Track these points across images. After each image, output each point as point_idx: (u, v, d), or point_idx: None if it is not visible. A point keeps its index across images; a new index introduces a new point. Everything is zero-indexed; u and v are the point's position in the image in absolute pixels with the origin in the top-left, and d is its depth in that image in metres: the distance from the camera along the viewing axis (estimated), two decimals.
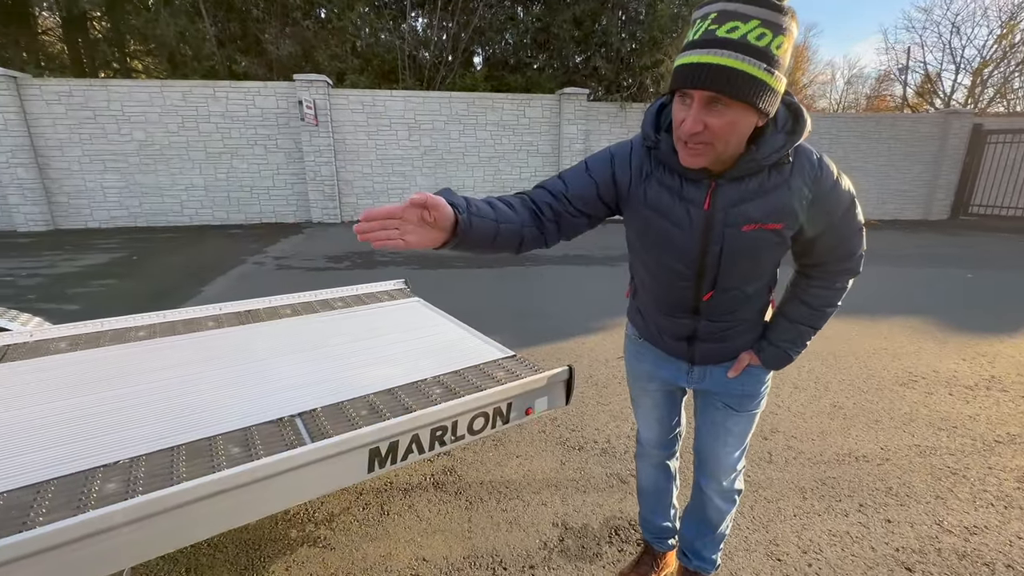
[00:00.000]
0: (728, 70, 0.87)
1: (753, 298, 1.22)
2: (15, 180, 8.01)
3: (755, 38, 0.87)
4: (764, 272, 1.18)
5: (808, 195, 1.04)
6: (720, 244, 1.09)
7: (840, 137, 10.91)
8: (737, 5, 0.87)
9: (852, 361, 3.54)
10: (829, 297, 1.22)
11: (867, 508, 2.04)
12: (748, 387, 1.32)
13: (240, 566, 1.69)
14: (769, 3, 0.87)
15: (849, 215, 1.09)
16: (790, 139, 0.99)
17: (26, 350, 1.89)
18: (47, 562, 0.96)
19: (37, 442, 1.31)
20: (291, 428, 1.38)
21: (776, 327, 1.27)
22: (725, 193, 1.05)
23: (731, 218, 1.06)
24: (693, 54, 0.91)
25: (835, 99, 31.31)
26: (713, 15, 0.89)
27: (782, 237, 1.08)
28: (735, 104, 0.90)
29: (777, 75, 0.90)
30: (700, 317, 1.23)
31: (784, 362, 1.29)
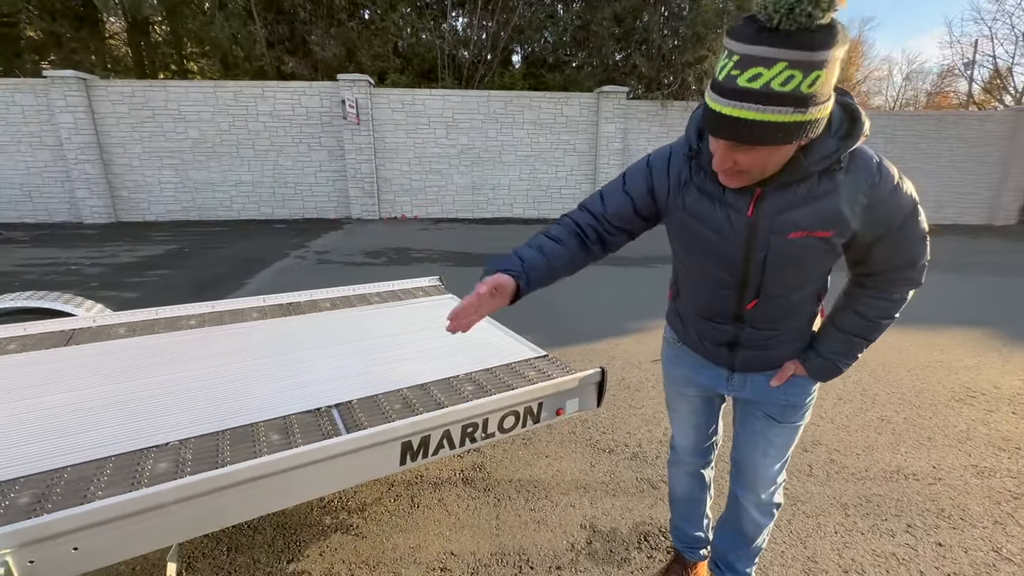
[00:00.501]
0: (745, 123, 0.83)
1: (800, 307, 1.17)
2: (83, 175, 8.58)
3: (780, 84, 0.79)
4: (812, 280, 1.12)
5: (863, 201, 0.97)
6: (765, 251, 1.05)
7: (896, 136, 10.34)
8: (760, 48, 0.79)
9: (903, 373, 3.35)
10: (886, 308, 1.13)
11: (916, 530, 1.93)
12: (792, 397, 1.26)
13: (277, 548, 1.76)
14: (799, 41, 0.77)
15: (910, 223, 1.02)
16: (843, 144, 0.93)
17: (89, 334, 2.03)
18: (104, 534, 1.03)
19: (97, 421, 1.41)
20: (327, 418, 1.43)
21: (825, 338, 1.20)
22: (771, 200, 1.00)
23: (777, 225, 1.01)
24: (715, 100, 0.86)
25: (891, 96, 29.62)
26: (736, 59, 0.82)
27: (831, 245, 1.02)
28: (761, 147, 0.87)
29: (811, 109, 0.83)
30: (743, 325, 1.19)
31: (832, 374, 1.22)
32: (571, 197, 10.04)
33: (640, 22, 11.20)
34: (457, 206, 9.89)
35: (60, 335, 2.00)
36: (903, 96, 29.19)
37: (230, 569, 1.67)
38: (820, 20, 0.76)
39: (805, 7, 0.74)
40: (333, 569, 1.68)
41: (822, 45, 0.78)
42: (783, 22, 0.77)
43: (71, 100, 8.28)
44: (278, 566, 1.68)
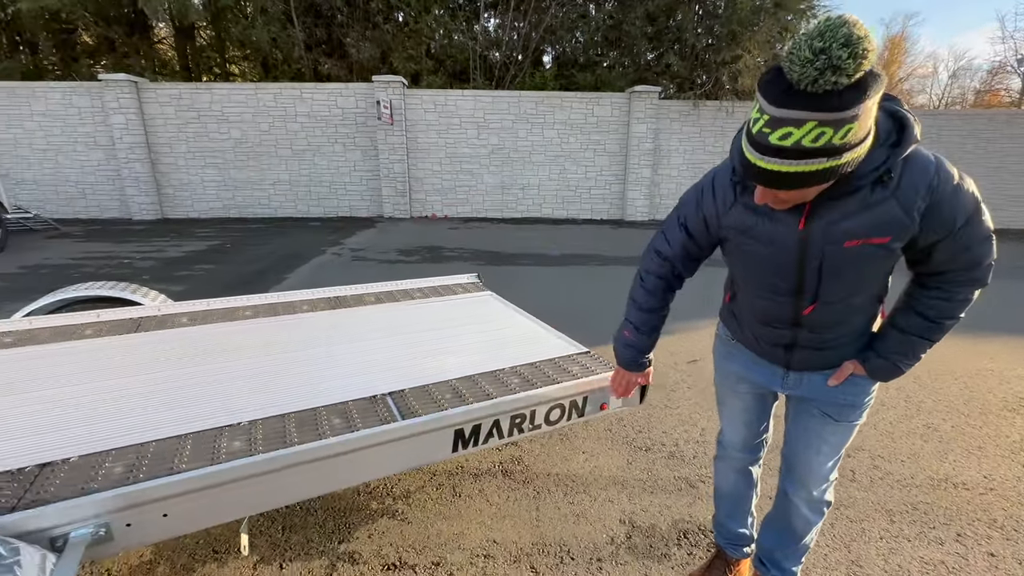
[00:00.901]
0: (779, 175, 0.87)
1: (859, 309, 1.17)
2: (132, 174, 9.01)
3: (811, 141, 0.82)
4: (871, 283, 1.12)
5: (922, 205, 0.97)
6: (819, 261, 1.06)
7: (943, 137, 9.93)
8: (789, 112, 0.81)
9: (950, 381, 3.24)
10: (949, 309, 1.11)
11: (966, 539, 1.88)
12: (851, 396, 1.26)
13: (328, 529, 1.84)
14: (826, 103, 0.79)
15: (974, 222, 1.00)
16: (894, 153, 0.94)
17: (155, 322, 2.16)
18: (190, 503, 1.12)
19: (172, 401, 1.51)
20: (383, 405, 1.49)
21: (886, 338, 1.19)
22: (822, 212, 1.01)
23: (831, 235, 1.02)
24: (751, 151, 0.90)
25: (936, 94, 28.33)
26: (766, 118, 0.85)
27: (890, 250, 1.03)
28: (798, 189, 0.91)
29: (845, 155, 0.85)
30: (801, 328, 1.20)
31: (894, 375, 1.20)
32: (600, 197, 10.01)
33: (673, 21, 11.06)
34: (486, 205, 9.98)
35: (130, 322, 2.13)
36: (949, 94, 27.88)
37: (285, 547, 1.76)
38: (847, 83, 0.78)
39: (829, 77, 0.77)
40: (382, 551, 1.75)
41: (850, 104, 0.79)
42: (810, 87, 0.79)
43: (123, 102, 8.71)
44: (330, 546, 1.77)
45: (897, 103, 0.98)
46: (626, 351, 1.47)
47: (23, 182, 9.05)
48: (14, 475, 1.14)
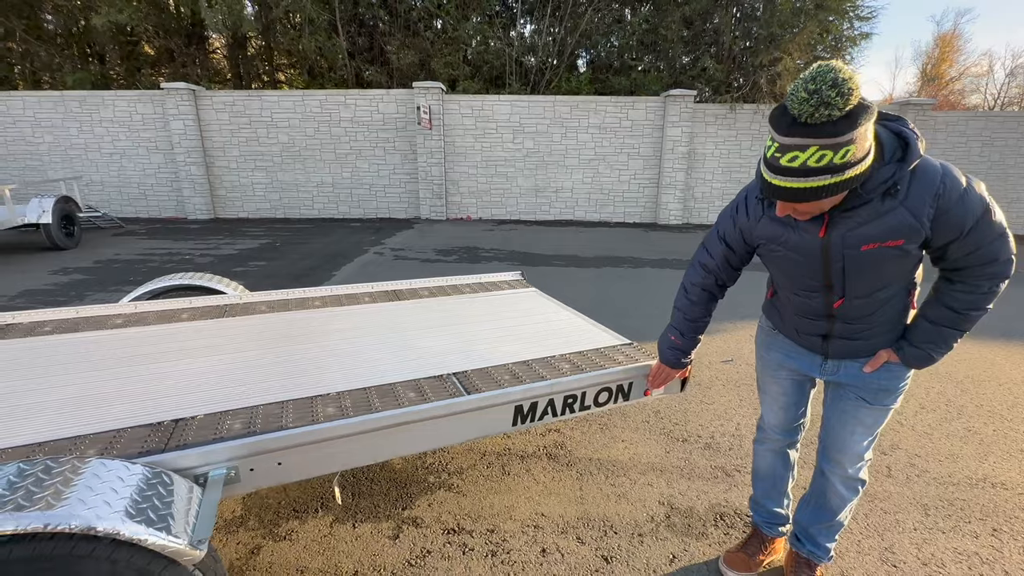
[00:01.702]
0: (791, 190, 1.04)
1: (888, 302, 1.28)
2: (189, 176, 9.60)
3: (815, 161, 0.98)
4: (896, 279, 1.24)
5: (931, 212, 1.09)
6: (841, 263, 1.20)
7: (995, 140, 9.57)
8: (794, 139, 0.99)
9: (994, 387, 3.22)
10: (974, 301, 1.20)
11: (1002, 534, 1.93)
12: (886, 381, 1.37)
13: (392, 497, 2.04)
14: (824, 131, 0.95)
15: (983, 224, 1.11)
16: (900, 167, 1.07)
17: (239, 309, 2.42)
18: (299, 455, 1.32)
19: (268, 375, 1.73)
20: (451, 383, 1.68)
21: (917, 329, 1.29)
22: (839, 221, 1.16)
23: (849, 241, 1.16)
24: (767, 172, 1.07)
25: (992, 94, 26.92)
26: (776, 145, 1.03)
27: (905, 251, 1.15)
28: (810, 202, 1.06)
29: (848, 172, 1.00)
30: (835, 320, 1.34)
31: (926, 362, 1.30)
32: (633, 201, 10.06)
33: (710, 24, 11.02)
34: (520, 208, 10.17)
35: (218, 309, 2.39)
36: (1006, 94, 26.44)
37: (356, 510, 1.96)
38: (839, 116, 0.95)
39: (823, 112, 0.94)
40: (441, 518, 1.94)
41: (844, 131, 0.96)
42: (809, 120, 0.96)
43: (182, 109, 9.30)
44: (394, 511, 1.96)
45: (903, 123, 1.12)
46: (670, 352, 1.64)
47: (92, 183, 9.77)
48: (155, 427, 1.38)
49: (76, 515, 0.93)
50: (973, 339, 4.06)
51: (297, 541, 1.80)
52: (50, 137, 9.58)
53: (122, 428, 1.36)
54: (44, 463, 1.05)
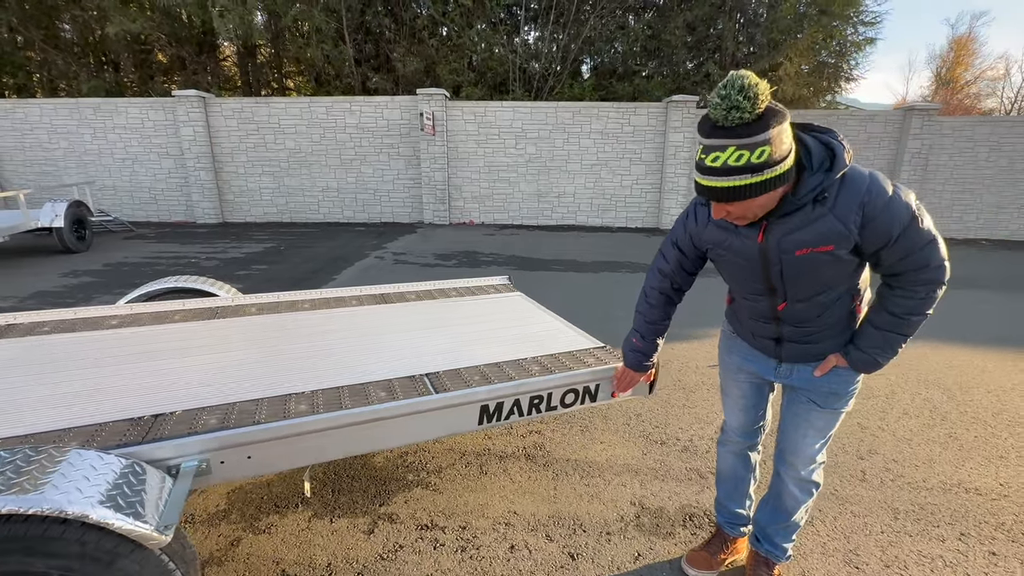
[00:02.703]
0: (717, 189, 1.12)
1: (831, 306, 1.32)
2: (198, 181, 9.81)
3: (734, 160, 1.06)
4: (836, 283, 1.28)
5: (857, 219, 1.15)
6: (779, 267, 1.26)
7: (1002, 145, 9.46)
8: (714, 140, 1.08)
9: (982, 394, 3.22)
10: (913, 306, 1.24)
11: (969, 538, 1.95)
12: (835, 386, 1.42)
13: (371, 494, 2.11)
14: (739, 132, 1.04)
15: (911, 231, 1.16)
16: (827, 176, 1.14)
17: (230, 311, 2.51)
18: (269, 449, 1.40)
19: (249, 375, 1.81)
20: (421, 383, 1.74)
21: (863, 334, 1.34)
22: (775, 228, 1.22)
23: (784, 246, 1.23)
24: (696, 173, 1.16)
25: (1009, 97, 26.45)
26: (701, 146, 1.12)
27: (836, 256, 1.20)
28: (737, 202, 1.13)
29: (767, 171, 1.07)
30: (783, 323, 1.39)
31: (872, 367, 1.35)
32: (636, 206, 10.09)
33: (714, 30, 11.07)
34: (523, 213, 10.24)
35: (209, 311, 2.49)
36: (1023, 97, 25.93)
37: (335, 506, 2.03)
38: (751, 119, 1.03)
39: (735, 114, 1.03)
40: (416, 514, 2.00)
41: (757, 131, 1.04)
42: (724, 123, 1.05)
43: (192, 115, 9.52)
44: (372, 507, 2.03)
45: (832, 135, 1.18)
46: (633, 355, 1.70)
47: (104, 188, 10.02)
48: (135, 421, 1.46)
49: (49, 499, 1.01)
50: (965, 345, 4.05)
51: (275, 534, 1.88)
52: (65, 143, 9.85)
53: (105, 422, 1.45)
54: (23, 452, 1.13)
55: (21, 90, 11.82)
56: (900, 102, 28.55)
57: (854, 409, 2.96)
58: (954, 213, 9.79)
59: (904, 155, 9.44)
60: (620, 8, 11.49)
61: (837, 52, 10.76)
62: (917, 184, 9.56)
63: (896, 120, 9.58)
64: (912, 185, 9.56)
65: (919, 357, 3.79)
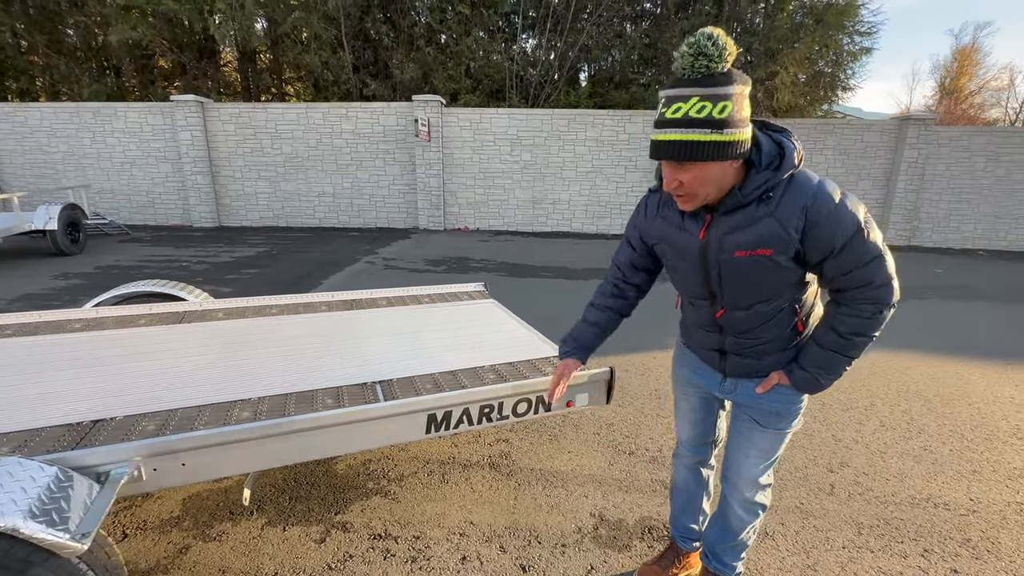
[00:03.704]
0: (676, 143, 1.06)
1: (772, 318, 1.28)
2: (195, 185, 9.88)
3: (696, 112, 1.03)
4: (776, 292, 1.24)
5: (799, 224, 1.11)
6: (718, 268, 1.22)
7: (1000, 155, 9.42)
8: (677, 90, 1.05)
9: (963, 407, 3.18)
10: (857, 326, 1.20)
11: (932, 555, 1.91)
12: (776, 405, 1.37)
13: (328, 502, 2.09)
14: (704, 82, 1.02)
15: (856, 243, 1.11)
16: (774, 175, 1.10)
17: (197, 316, 2.50)
18: (203, 456, 1.38)
19: (202, 380, 1.81)
20: (371, 391, 1.73)
21: (807, 352, 1.29)
22: (718, 225, 1.19)
23: (724, 245, 1.19)
24: (654, 132, 1.11)
25: (1013, 108, 26.31)
26: (663, 100, 1.08)
27: (775, 262, 1.16)
28: (693, 163, 1.08)
29: (727, 131, 1.04)
30: (725, 333, 1.35)
31: (814, 388, 1.29)
32: (630, 213, 10.04)
33: None
34: (518, 219, 10.25)
35: (176, 315, 2.49)
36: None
37: (290, 513, 2.02)
38: (717, 69, 1.02)
39: (702, 62, 1.01)
40: (371, 523, 1.98)
41: (722, 83, 1.02)
42: (690, 73, 1.03)
43: (190, 120, 9.59)
44: (327, 515, 2.01)
45: (786, 135, 1.15)
46: (564, 342, 1.61)
47: (102, 191, 10.09)
48: (72, 427, 1.45)
49: None
50: (952, 356, 4.01)
51: (226, 542, 1.86)
52: (64, 147, 9.94)
53: (42, 427, 1.44)
54: None
55: (24, 94, 11.96)
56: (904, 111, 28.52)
57: (829, 420, 2.93)
58: (951, 223, 9.73)
59: (901, 164, 9.41)
60: (617, 17, 11.55)
61: (834, 62, 10.76)
62: (914, 194, 9.53)
63: (892, 129, 9.56)
64: (909, 195, 9.53)
65: (902, 368, 3.75)
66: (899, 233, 9.68)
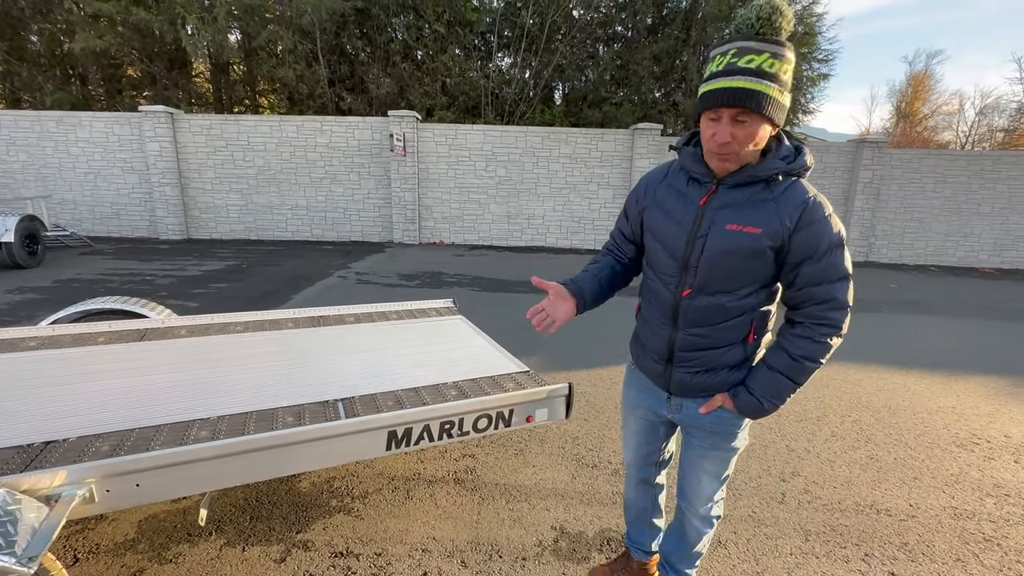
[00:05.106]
0: (750, 91, 1.14)
1: (728, 320, 1.30)
2: (163, 197, 9.67)
3: (768, 66, 1.14)
4: (742, 283, 1.27)
5: (795, 215, 1.20)
6: (704, 238, 1.27)
7: (947, 177, 10.00)
8: (752, 43, 1.15)
9: (908, 416, 3.35)
10: (809, 349, 1.24)
11: (872, 559, 2.02)
12: (718, 426, 1.41)
13: (289, 521, 2.08)
14: (776, 41, 1.14)
15: (835, 255, 1.20)
16: (786, 164, 1.22)
17: (158, 333, 2.48)
18: (158, 477, 1.38)
19: (161, 399, 1.80)
20: (333, 409, 1.75)
21: (755, 374, 1.32)
22: (720, 196, 1.26)
23: (719, 217, 1.25)
24: (720, 80, 1.17)
25: (963, 131, 27.98)
26: (733, 51, 1.16)
27: (760, 245, 1.22)
28: (755, 117, 1.16)
29: (785, 93, 1.17)
30: (678, 327, 1.36)
31: (758, 413, 1.33)
32: (603, 228, 10.28)
33: (679, 61, 11.53)
34: (493, 234, 10.34)
35: (136, 332, 2.45)
36: (976, 132, 27.51)
37: (250, 533, 2.00)
38: (780, 35, 1.16)
39: (777, 19, 1.15)
40: (332, 541, 1.98)
41: (785, 46, 1.16)
42: (765, 30, 1.16)
43: (159, 131, 9.43)
44: (288, 534, 2.00)
45: (800, 140, 1.29)
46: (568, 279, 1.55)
47: (64, 202, 9.78)
48: (24, 448, 1.43)
49: None
50: (900, 368, 4.22)
51: (182, 564, 1.83)
52: (24, 156, 9.61)
53: None
54: None
55: None
56: (864, 132, 29.99)
57: (784, 431, 3.05)
58: (905, 240, 10.25)
59: (857, 184, 9.89)
60: (590, 39, 11.91)
61: (794, 86, 11.32)
62: (870, 212, 10.01)
63: (849, 151, 10.06)
64: (866, 213, 10.01)
65: (855, 380, 3.93)
66: (857, 249, 10.13)
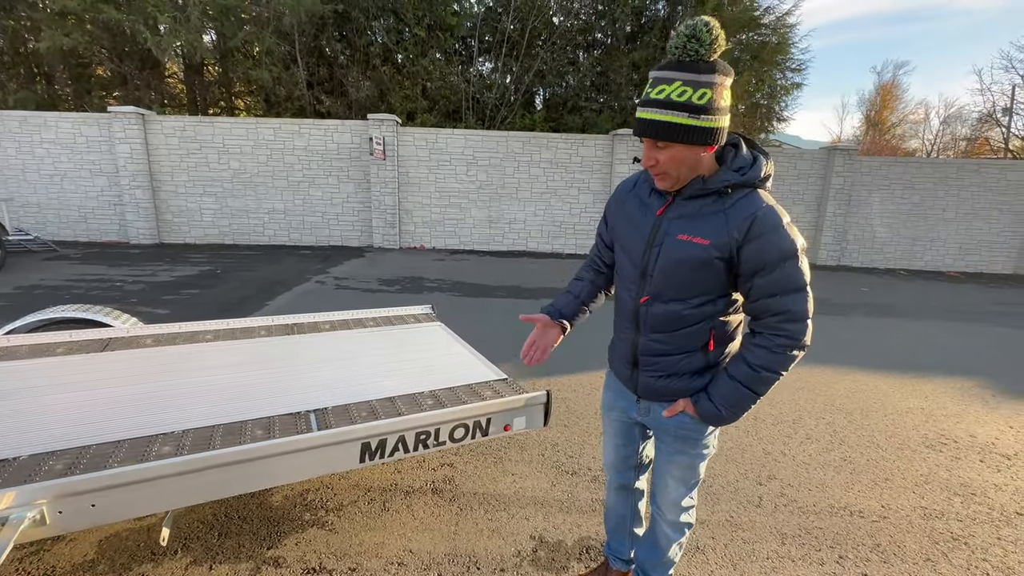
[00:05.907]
0: (656, 122, 1.16)
1: (686, 328, 1.32)
2: (133, 200, 9.38)
3: (677, 95, 1.12)
4: (695, 293, 1.29)
5: (744, 226, 1.19)
6: (659, 247, 1.29)
7: (915, 184, 10.34)
8: (663, 72, 1.15)
9: (879, 418, 3.43)
10: (768, 360, 1.24)
11: (846, 561, 2.05)
12: (684, 431, 1.41)
13: (260, 536, 2.01)
14: (689, 68, 1.12)
15: (789, 267, 1.18)
16: (737, 176, 1.21)
17: (123, 343, 2.38)
18: (115, 496, 1.32)
19: (122, 412, 1.72)
20: (305, 421, 1.70)
21: (717, 382, 1.33)
22: (676, 207, 1.28)
23: (672, 227, 1.27)
24: (639, 111, 1.21)
25: (929, 139, 29.13)
26: (649, 81, 1.18)
27: (708, 256, 1.23)
28: (670, 144, 1.18)
29: (703, 117, 1.13)
30: (640, 333, 1.39)
31: (717, 421, 1.34)
32: (584, 233, 10.35)
33: None
34: (474, 238, 10.30)
35: (99, 343, 2.36)
36: (941, 140, 28.64)
37: (218, 551, 1.93)
38: (704, 57, 1.11)
39: (693, 45, 1.10)
40: (305, 557, 1.92)
41: (705, 71, 1.12)
42: (680, 56, 1.12)
43: (129, 133, 9.15)
44: (259, 551, 1.94)
45: (764, 155, 1.26)
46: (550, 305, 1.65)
47: (28, 205, 9.41)
48: None
49: None
50: (872, 370, 4.32)
51: None
52: None
53: None
54: None
55: None
56: (835, 140, 30.92)
57: (761, 435, 3.09)
58: (876, 245, 10.55)
59: (830, 191, 10.15)
60: (570, 45, 12.00)
61: (769, 95, 11.59)
62: (842, 217, 10.28)
63: (821, 158, 10.33)
64: (838, 218, 10.28)
65: (829, 382, 4.01)
66: (830, 254, 10.39)
